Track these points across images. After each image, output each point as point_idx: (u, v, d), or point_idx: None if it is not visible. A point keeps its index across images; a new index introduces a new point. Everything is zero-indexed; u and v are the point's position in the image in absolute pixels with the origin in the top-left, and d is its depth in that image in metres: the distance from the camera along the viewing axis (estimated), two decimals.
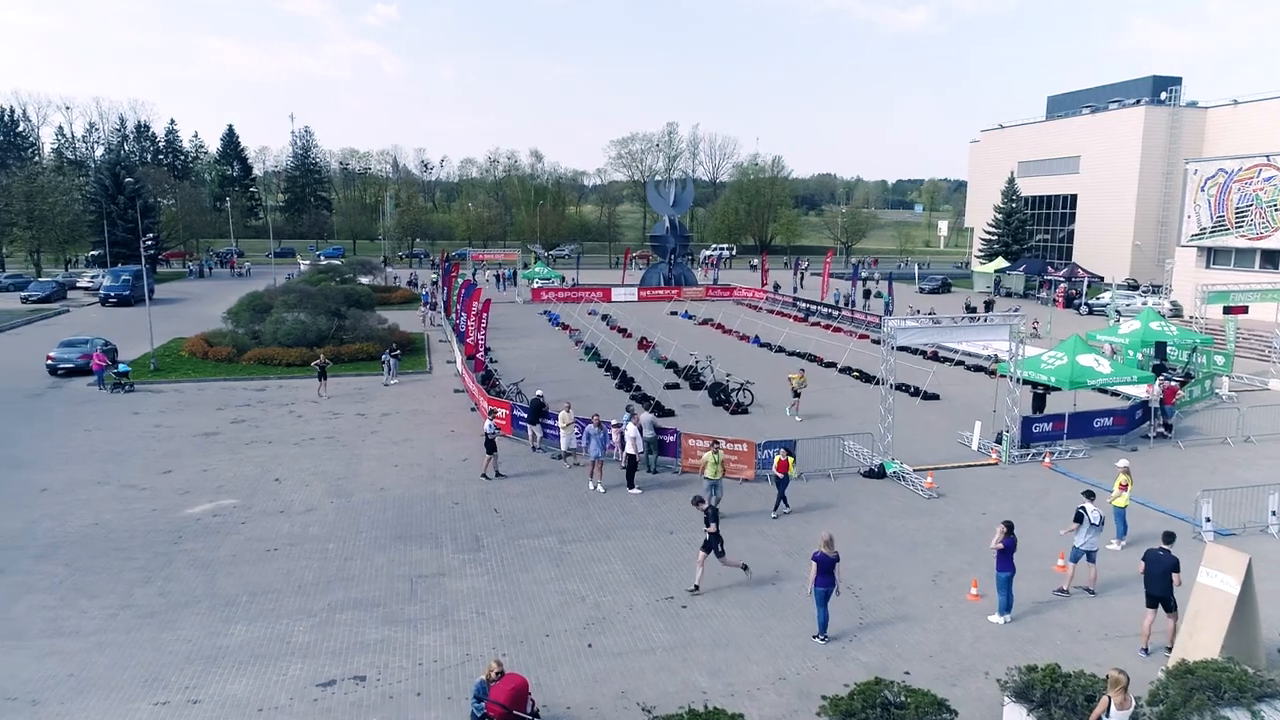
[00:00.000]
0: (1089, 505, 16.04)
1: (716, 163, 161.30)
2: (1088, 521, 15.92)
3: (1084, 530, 15.95)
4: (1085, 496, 16.34)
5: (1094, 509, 15.96)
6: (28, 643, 13.91)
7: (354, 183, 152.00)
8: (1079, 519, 15.98)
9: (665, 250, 72.31)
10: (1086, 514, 15.94)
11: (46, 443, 25.73)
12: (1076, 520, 16.02)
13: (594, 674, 13.05)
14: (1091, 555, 16.05)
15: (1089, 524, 15.92)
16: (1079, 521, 15.97)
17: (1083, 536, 15.99)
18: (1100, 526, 16.04)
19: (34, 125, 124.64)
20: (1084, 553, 16.08)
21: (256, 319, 40.50)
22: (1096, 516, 15.96)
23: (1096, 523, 15.98)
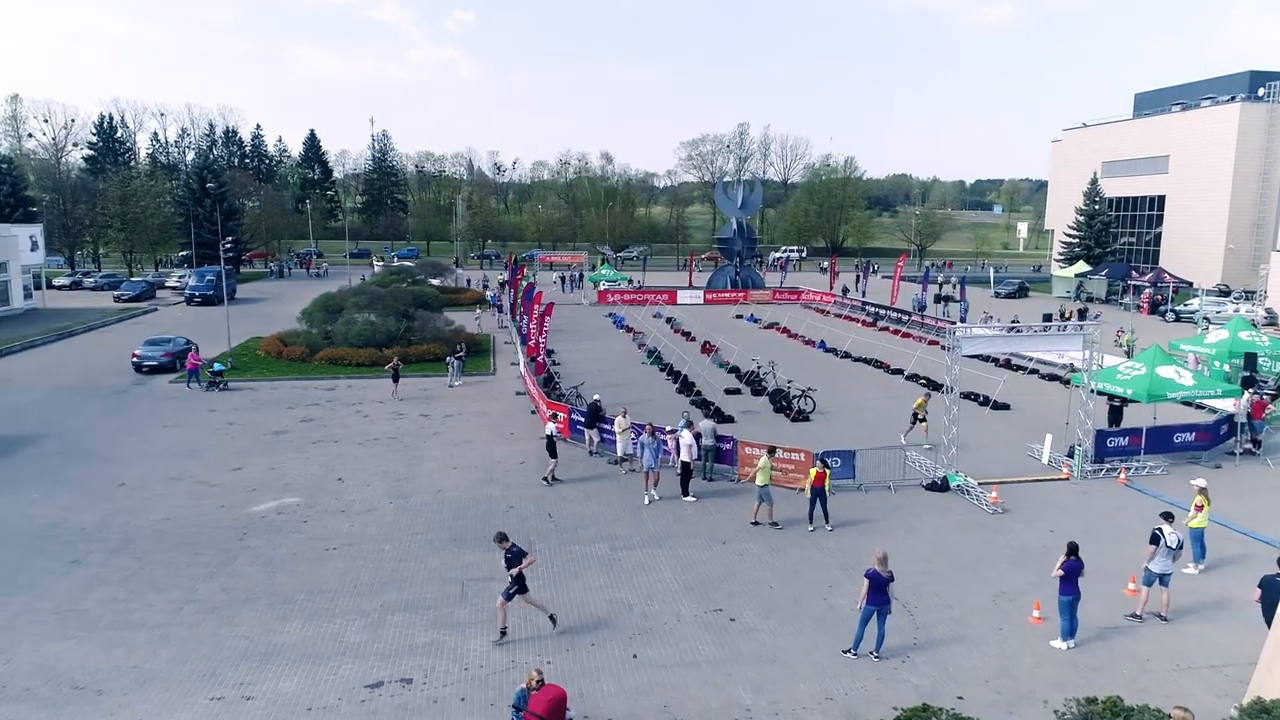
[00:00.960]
0: (1166, 527, 15.29)
1: (788, 163, 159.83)
2: (1164, 544, 15.18)
3: (1160, 553, 15.21)
4: (1163, 518, 15.56)
5: (1171, 531, 15.22)
6: (97, 634, 14.48)
7: (429, 185, 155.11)
8: (1155, 540, 15.24)
9: (732, 253, 71.92)
10: (1163, 536, 15.20)
11: (128, 438, 26.82)
12: (1153, 542, 15.28)
13: (637, 686, 12.96)
14: (1165, 579, 15.29)
15: (1165, 546, 15.18)
16: (1155, 544, 15.23)
17: (1159, 560, 15.25)
18: (1178, 550, 15.30)
19: (131, 132, 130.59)
20: (1157, 576, 15.33)
21: (329, 319, 41.59)
22: (1174, 539, 15.22)
23: (1174, 546, 15.24)
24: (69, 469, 23.55)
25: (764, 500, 19.48)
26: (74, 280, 69.41)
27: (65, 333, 46.99)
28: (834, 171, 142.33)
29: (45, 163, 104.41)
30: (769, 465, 19.74)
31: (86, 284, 68.95)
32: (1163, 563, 15.23)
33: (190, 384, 34.04)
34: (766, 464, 19.65)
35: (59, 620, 14.93)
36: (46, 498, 21.14)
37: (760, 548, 18.35)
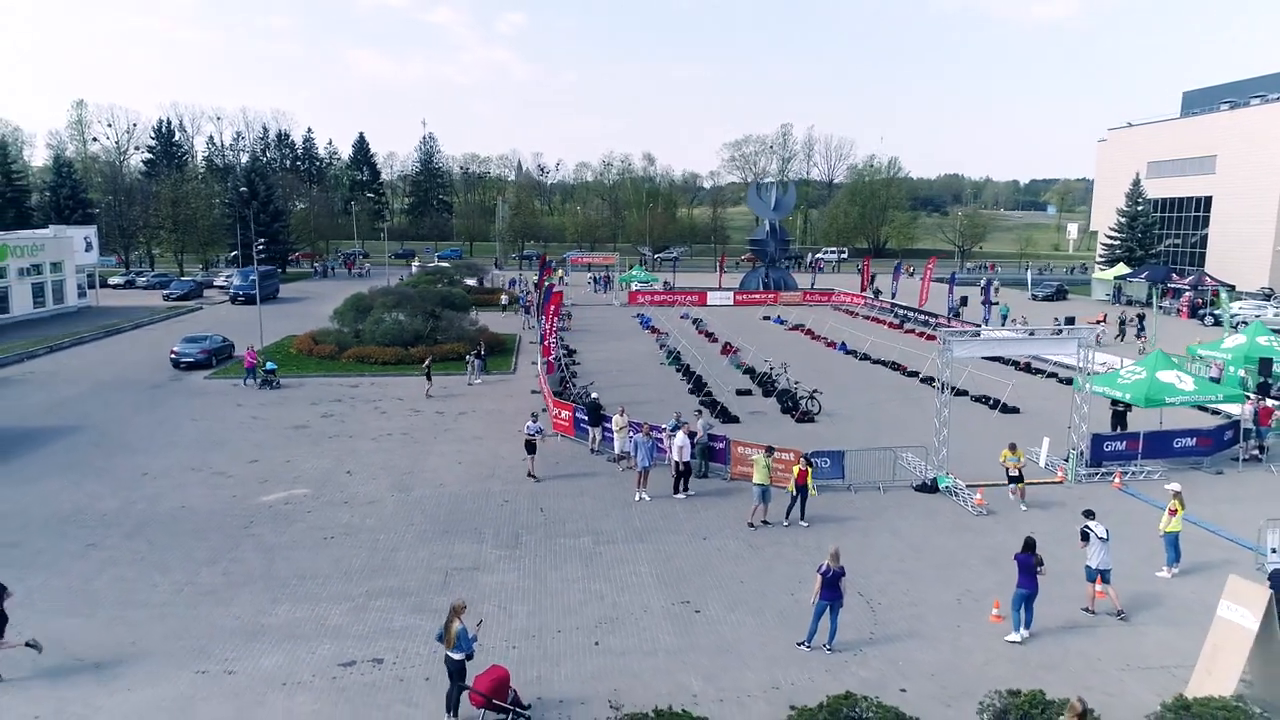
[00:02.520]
0: (1092, 523, 15.78)
1: (831, 164, 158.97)
2: (1094, 538, 15.55)
3: (1094, 548, 15.57)
4: (1086, 515, 16.09)
5: (1098, 524, 15.64)
6: (102, 611, 15.57)
7: (475, 187, 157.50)
8: (1085, 538, 15.76)
9: (765, 254, 72.14)
10: (1092, 531, 15.62)
11: (158, 430, 28.22)
12: (1083, 540, 15.80)
13: (594, 671, 13.59)
14: (1106, 575, 15.63)
15: (1098, 540, 15.54)
16: (1085, 541, 15.76)
17: (1095, 556, 15.59)
18: (1107, 541, 15.59)
19: (189, 136, 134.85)
20: (1098, 571, 15.65)
21: (359, 319, 42.87)
22: (1103, 531, 15.61)
23: (1104, 538, 15.58)
24: (99, 459, 24.95)
25: (761, 500, 19.90)
26: (127, 280, 72.26)
27: (113, 330, 49.15)
28: (877, 172, 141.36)
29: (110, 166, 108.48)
30: (767, 464, 20.15)
31: (139, 283, 71.72)
32: (1101, 558, 15.55)
33: (246, 381, 35.25)
34: (764, 463, 20.08)
35: (70, 598, 16.07)
36: (74, 485, 22.49)
37: (739, 544, 18.85)
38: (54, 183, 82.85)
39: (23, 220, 75.91)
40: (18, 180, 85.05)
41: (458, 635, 11.86)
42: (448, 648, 11.89)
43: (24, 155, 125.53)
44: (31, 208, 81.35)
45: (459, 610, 12.11)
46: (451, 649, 11.84)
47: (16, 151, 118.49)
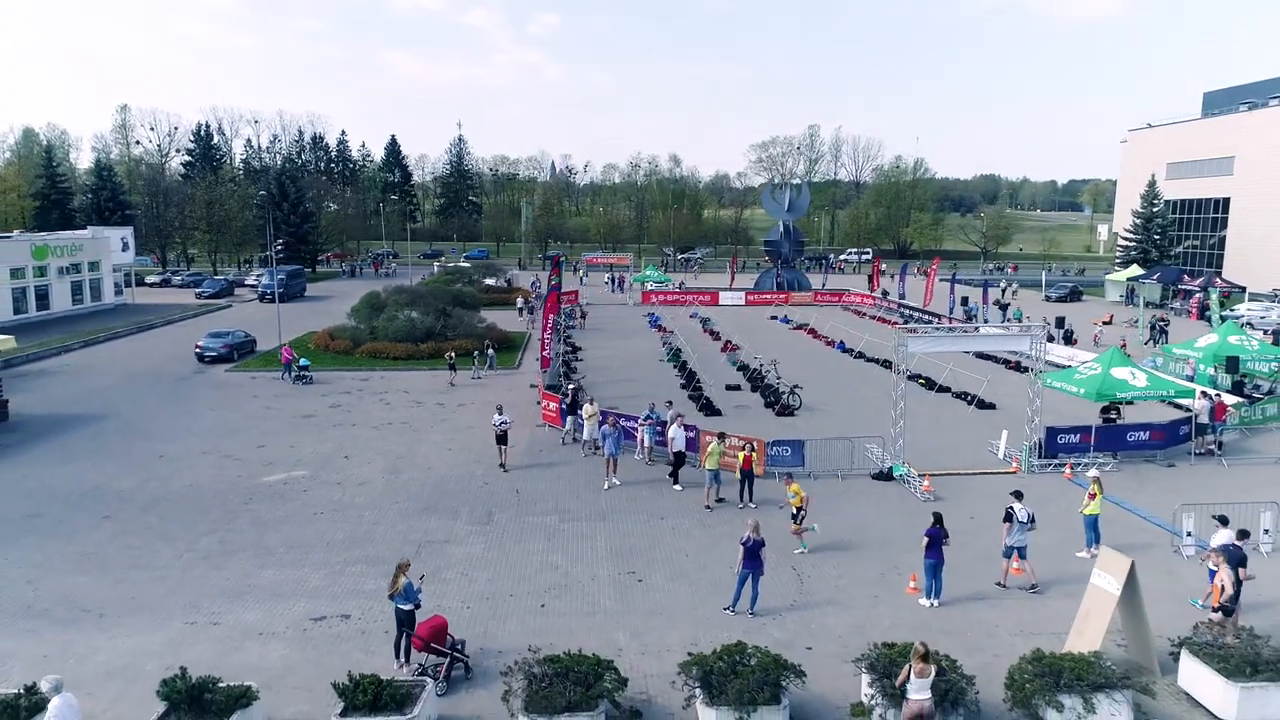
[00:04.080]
0: (1017, 505, 16.96)
1: (859, 165, 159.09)
2: (1016, 520, 16.75)
3: (1014, 529, 16.79)
4: (1014, 496, 17.26)
5: (1021, 508, 16.80)
6: (110, 572, 17.49)
7: (504, 188, 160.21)
8: (1008, 518, 16.90)
9: (779, 255, 73.31)
10: (1015, 513, 16.79)
11: (178, 418, 30.35)
12: (1006, 519, 16.97)
13: (535, 629, 15.15)
14: (1023, 551, 16.88)
15: (1018, 522, 16.73)
16: (1008, 520, 16.90)
17: (1014, 535, 16.85)
18: (1029, 524, 16.79)
19: (227, 139, 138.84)
20: (1015, 549, 16.87)
21: (373, 316, 44.95)
22: (1024, 515, 16.80)
23: (1024, 521, 16.77)
24: (121, 443, 27.06)
25: (714, 483, 21.41)
26: (163, 278, 75.37)
27: (145, 326, 51.80)
28: (903, 173, 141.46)
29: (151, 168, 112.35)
30: (719, 450, 21.65)
31: (174, 282, 74.80)
32: (1017, 537, 16.81)
33: (284, 377, 37.02)
34: (716, 449, 21.57)
35: (82, 560, 18.03)
36: (96, 466, 24.59)
37: (692, 524, 20.33)
38: (95, 185, 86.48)
39: (66, 221, 79.42)
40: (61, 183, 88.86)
41: (404, 588, 13.51)
42: (390, 597, 13.55)
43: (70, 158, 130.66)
44: (74, 209, 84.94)
45: (404, 568, 13.77)
46: (396, 598, 13.49)
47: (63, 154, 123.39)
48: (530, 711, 11.45)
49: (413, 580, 13.74)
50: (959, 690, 11.69)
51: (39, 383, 35.95)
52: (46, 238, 57.41)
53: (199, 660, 13.53)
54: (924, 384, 35.88)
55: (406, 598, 13.55)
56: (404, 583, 13.56)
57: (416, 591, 13.71)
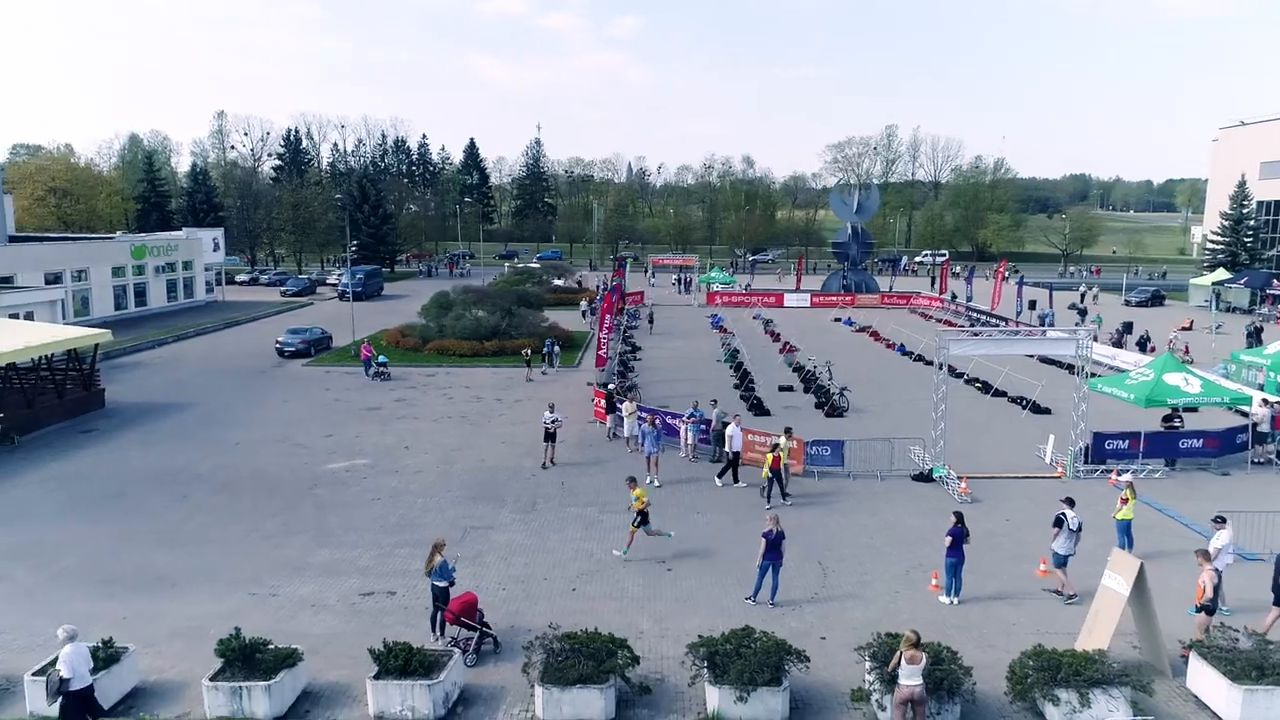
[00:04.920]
0: (1069, 511, 16.82)
1: (938, 165, 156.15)
2: (1067, 527, 16.71)
3: (1063, 535, 16.74)
4: (1066, 503, 17.10)
5: (1074, 515, 16.74)
6: (184, 546, 19.08)
7: (579, 190, 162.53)
8: (1058, 524, 16.79)
9: (846, 257, 72.99)
10: (1066, 519, 16.75)
11: (255, 409, 32.33)
12: (1056, 525, 16.84)
13: (563, 610, 16.02)
14: (1065, 560, 16.78)
15: (1068, 530, 16.70)
16: (1058, 526, 16.79)
17: (1062, 542, 16.77)
18: (1078, 533, 16.79)
19: (315, 143, 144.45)
20: (1065, 558, 16.85)
21: (442, 315, 46.71)
22: (1075, 523, 16.75)
23: (1075, 529, 16.76)
24: (202, 430, 29.06)
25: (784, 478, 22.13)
26: (252, 277, 79.30)
27: (231, 322, 54.78)
28: (983, 173, 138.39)
29: (245, 172, 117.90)
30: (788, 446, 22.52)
31: (261, 280, 78.60)
32: (1066, 544, 16.75)
33: (365, 373, 38.50)
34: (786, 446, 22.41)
35: (160, 535, 19.68)
36: (179, 451, 26.52)
37: (727, 519, 20.95)
38: (191, 188, 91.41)
39: (164, 222, 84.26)
40: (161, 187, 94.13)
41: (439, 566, 14.56)
42: (427, 573, 14.62)
43: (171, 163, 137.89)
44: (172, 211, 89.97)
45: (440, 547, 14.82)
46: (432, 575, 14.54)
47: (164, 159, 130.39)
48: (546, 682, 12.32)
49: (448, 559, 14.78)
50: (955, 680, 12.10)
51: (134, 373, 38.61)
52: (145, 238, 61.21)
53: (257, 627, 14.71)
54: (980, 388, 35.67)
55: (441, 575, 14.60)
56: (439, 561, 14.61)
57: (451, 569, 14.75)
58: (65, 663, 11.47)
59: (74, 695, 11.43)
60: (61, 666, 11.47)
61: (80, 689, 11.50)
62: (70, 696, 11.40)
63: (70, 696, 11.40)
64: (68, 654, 11.54)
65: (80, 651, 11.67)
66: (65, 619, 15.24)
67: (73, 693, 11.41)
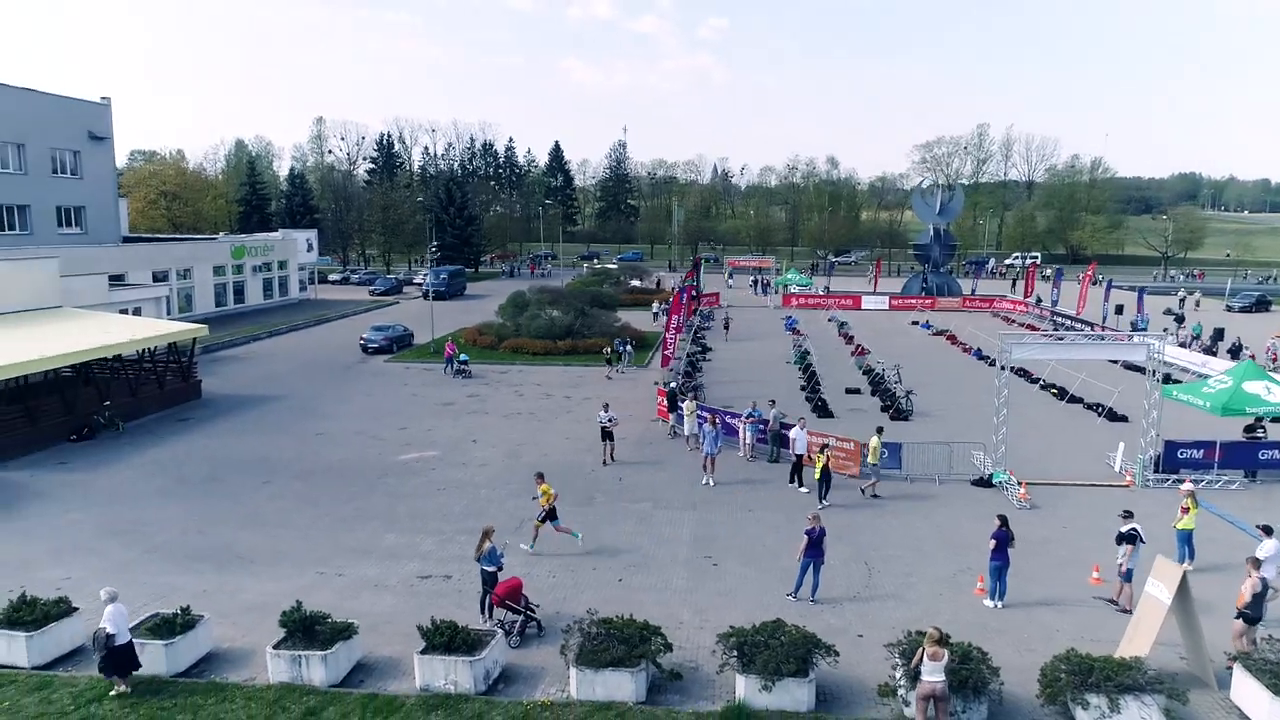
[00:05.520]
0: (1134, 526, 16.45)
1: (1032, 165, 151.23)
2: (1140, 541, 16.28)
3: (1136, 551, 16.25)
4: (1125, 516, 16.77)
5: (1132, 526, 16.39)
6: (263, 529, 20.43)
7: (661, 191, 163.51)
8: (1131, 540, 16.27)
9: (927, 259, 71.74)
10: (1139, 534, 16.32)
11: (338, 402, 34.00)
12: (1130, 542, 16.26)
13: (607, 598, 16.62)
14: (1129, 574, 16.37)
15: (1140, 544, 16.29)
16: (1132, 543, 16.24)
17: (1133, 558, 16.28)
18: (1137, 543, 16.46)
19: (407, 147, 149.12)
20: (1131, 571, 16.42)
21: (518, 314, 48.02)
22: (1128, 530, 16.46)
23: (1130, 537, 16.47)
24: (289, 421, 30.79)
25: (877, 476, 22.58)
26: (343, 276, 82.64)
27: (321, 319, 57.38)
28: (1078, 173, 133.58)
29: (342, 175, 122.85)
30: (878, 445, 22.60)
31: (352, 280, 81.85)
32: (1135, 559, 16.31)
33: (446, 370, 39.98)
34: (877, 444, 22.58)
35: (243, 517, 21.11)
36: (266, 440, 28.21)
37: (779, 518, 21.21)
38: (289, 191, 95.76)
39: (264, 224, 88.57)
40: (261, 190, 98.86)
41: (488, 551, 15.35)
42: (476, 558, 15.43)
43: (274, 167, 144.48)
44: (271, 213, 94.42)
45: (489, 533, 15.61)
46: (480, 560, 15.35)
47: (267, 164, 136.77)
48: (580, 664, 12.94)
49: (496, 545, 15.56)
50: (981, 679, 12.20)
51: (229, 366, 40.99)
52: (244, 239, 64.59)
53: (322, 603, 15.78)
54: (1055, 394, 34.84)
55: (490, 560, 15.39)
56: (488, 547, 15.41)
57: (499, 555, 15.52)
58: (109, 620, 12.85)
59: (116, 649, 12.90)
60: (105, 624, 12.85)
61: (121, 644, 12.94)
62: (113, 650, 12.86)
63: (113, 650, 12.86)
64: (110, 613, 12.90)
65: (120, 611, 13.00)
66: (153, 591, 16.73)
67: (115, 647, 12.86)
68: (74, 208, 54.63)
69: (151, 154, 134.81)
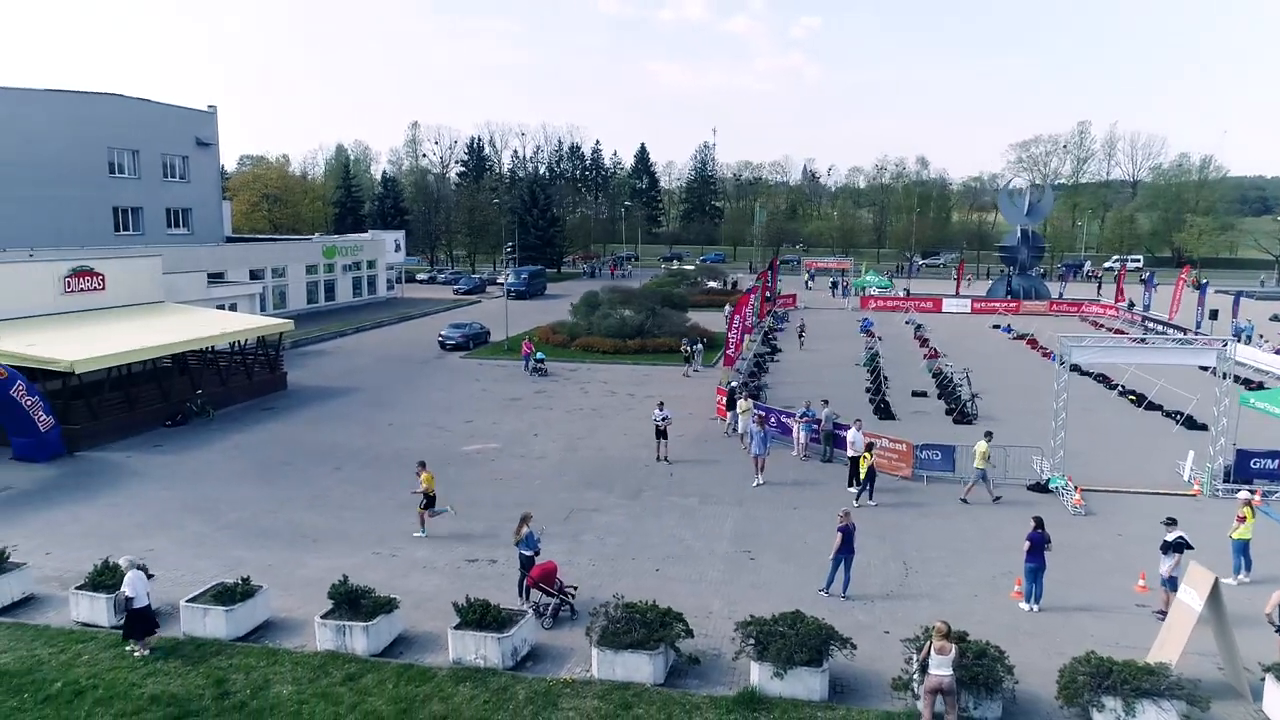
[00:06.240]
0: (1180, 534, 16.08)
1: (1136, 164, 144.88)
2: (1187, 549, 15.92)
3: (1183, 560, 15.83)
4: (1169, 524, 16.39)
5: (1176, 534, 16.02)
6: (328, 510, 21.71)
7: (746, 193, 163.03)
8: (1179, 549, 15.92)
9: (1013, 261, 69.83)
10: (1186, 543, 15.95)
11: (411, 395, 35.49)
12: (1177, 550, 15.93)
13: (642, 587, 17.06)
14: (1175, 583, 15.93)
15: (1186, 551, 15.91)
16: (1179, 552, 15.91)
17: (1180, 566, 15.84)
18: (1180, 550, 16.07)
19: (496, 150, 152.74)
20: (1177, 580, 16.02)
21: (590, 313, 48.99)
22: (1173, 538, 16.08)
23: (1175, 546, 16.09)
24: (362, 412, 32.35)
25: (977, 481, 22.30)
26: (430, 276, 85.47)
27: (405, 317, 59.66)
28: (1186, 172, 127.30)
29: (435, 178, 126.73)
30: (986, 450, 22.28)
31: (439, 279, 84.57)
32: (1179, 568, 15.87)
33: (525, 368, 40.69)
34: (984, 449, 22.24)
35: (312, 500, 22.46)
36: (340, 429, 29.78)
37: (823, 516, 21.23)
38: (381, 194, 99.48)
39: (357, 225, 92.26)
40: (355, 193, 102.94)
41: (525, 536, 16.07)
42: (515, 543, 16.16)
43: (371, 170, 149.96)
44: (364, 215, 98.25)
45: (527, 519, 16.32)
46: (519, 545, 16.07)
47: (365, 167, 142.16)
48: (601, 645, 13.51)
49: (534, 531, 16.26)
50: (994, 677, 12.23)
51: (315, 360, 43.15)
52: (335, 240, 67.61)
53: (375, 580, 16.71)
54: (1134, 400, 33.70)
55: (527, 545, 16.11)
56: (525, 532, 16.13)
57: (536, 540, 16.22)
58: (128, 585, 14.13)
59: (135, 611, 14.18)
60: (125, 589, 14.14)
61: (140, 607, 14.19)
62: (132, 613, 14.16)
63: (132, 613, 14.16)
64: (130, 579, 14.18)
65: (139, 577, 14.29)
66: (223, 563, 18.05)
67: (134, 610, 14.15)
68: (181, 209, 58.27)
69: (260, 158, 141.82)
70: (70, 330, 29.20)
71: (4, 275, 29.74)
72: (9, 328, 27.59)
